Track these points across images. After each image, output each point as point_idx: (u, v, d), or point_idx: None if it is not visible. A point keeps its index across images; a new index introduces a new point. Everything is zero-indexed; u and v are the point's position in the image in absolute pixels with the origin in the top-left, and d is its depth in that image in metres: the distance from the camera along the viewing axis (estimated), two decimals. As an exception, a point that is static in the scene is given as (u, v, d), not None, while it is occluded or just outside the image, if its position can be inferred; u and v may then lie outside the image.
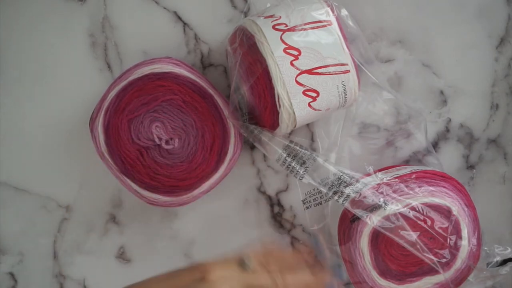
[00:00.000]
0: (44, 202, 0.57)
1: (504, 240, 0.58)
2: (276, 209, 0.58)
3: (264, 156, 0.57)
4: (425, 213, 0.49)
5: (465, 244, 0.50)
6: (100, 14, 0.55)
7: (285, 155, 0.51)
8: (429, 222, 0.49)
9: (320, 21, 0.47)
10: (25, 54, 0.56)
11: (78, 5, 0.55)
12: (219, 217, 0.58)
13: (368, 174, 0.53)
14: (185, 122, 0.51)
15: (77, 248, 0.58)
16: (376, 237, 0.50)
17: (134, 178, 0.51)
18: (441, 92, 0.58)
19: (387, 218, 0.49)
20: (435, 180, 0.51)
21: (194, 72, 0.51)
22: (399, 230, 0.49)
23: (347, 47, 0.47)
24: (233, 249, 0.44)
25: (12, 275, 0.58)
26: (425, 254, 0.49)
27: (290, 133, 0.57)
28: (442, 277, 0.50)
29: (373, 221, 0.49)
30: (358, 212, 0.49)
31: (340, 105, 0.50)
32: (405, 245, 0.49)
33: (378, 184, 0.51)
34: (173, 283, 0.40)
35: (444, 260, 0.50)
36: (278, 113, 0.47)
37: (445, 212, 0.50)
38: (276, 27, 0.46)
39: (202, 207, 0.57)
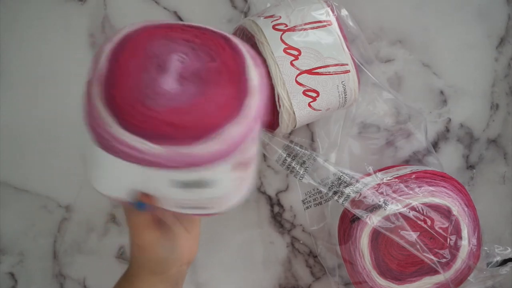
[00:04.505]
0: (44, 202, 0.57)
1: (504, 240, 0.58)
2: (276, 209, 0.58)
3: (264, 156, 0.57)
4: (425, 213, 0.49)
5: (465, 244, 0.50)
6: (100, 14, 0.55)
7: (285, 155, 0.51)
8: (429, 222, 0.49)
9: (320, 21, 0.47)
10: (25, 54, 0.56)
11: (78, 5, 0.55)
12: (219, 217, 0.58)
13: (368, 174, 0.53)
14: None
15: (77, 248, 0.58)
16: (376, 237, 0.50)
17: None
18: (441, 92, 0.58)
19: (387, 218, 0.49)
20: (435, 180, 0.51)
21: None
22: (399, 230, 0.49)
23: (347, 47, 0.47)
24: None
25: (12, 275, 0.58)
26: (425, 254, 0.49)
27: (290, 133, 0.57)
28: (442, 277, 0.50)
29: (373, 221, 0.49)
30: (358, 212, 0.49)
31: (340, 105, 0.50)
32: (405, 245, 0.49)
33: (378, 184, 0.51)
34: None
35: (444, 260, 0.50)
36: (278, 113, 0.48)
37: (445, 212, 0.50)
38: (276, 27, 0.46)
39: (202, 207, 0.57)
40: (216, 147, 0.33)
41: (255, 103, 0.35)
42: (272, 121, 0.49)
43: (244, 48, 0.37)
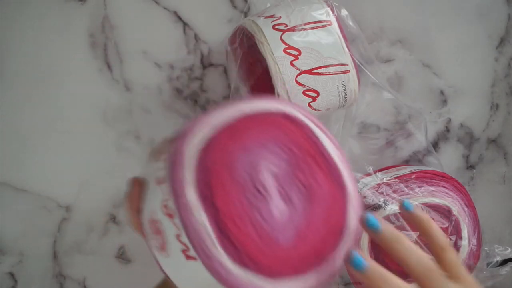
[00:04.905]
0: (44, 202, 0.57)
1: (504, 240, 0.58)
2: (276, 209, 0.58)
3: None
4: (425, 213, 0.49)
5: (465, 244, 0.50)
6: (100, 14, 0.55)
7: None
8: (429, 222, 0.49)
9: (320, 21, 0.47)
10: (25, 54, 0.56)
11: (78, 5, 0.55)
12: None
13: (368, 174, 0.52)
14: None
15: (77, 248, 0.58)
16: (376, 237, 0.50)
17: None
18: (441, 92, 0.58)
19: (387, 218, 0.49)
20: (435, 180, 0.51)
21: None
22: (399, 230, 0.49)
23: (347, 47, 0.47)
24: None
25: (12, 275, 0.58)
26: (425, 254, 0.49)
27: (290, 133, 0.57)
28: (442, 277, 0.50)
29: (373, 221, 0.49)
30: (358, 212, 0.49)
31: (340, 105, 0.50)
32: (405, 245, 0.49)
33: (378, 184, 0.51)
34: None
35: (444, 260, 0.50)
36: (278, 113, 0.47)
37: (445, 212, 0.50)
38: (276, 27, 0.46)
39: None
40: (351, 237, 0.32)
41: (346, 173, 0.33)
42: (272, 121, 0.49)
43: (303, 115, 0.34)
